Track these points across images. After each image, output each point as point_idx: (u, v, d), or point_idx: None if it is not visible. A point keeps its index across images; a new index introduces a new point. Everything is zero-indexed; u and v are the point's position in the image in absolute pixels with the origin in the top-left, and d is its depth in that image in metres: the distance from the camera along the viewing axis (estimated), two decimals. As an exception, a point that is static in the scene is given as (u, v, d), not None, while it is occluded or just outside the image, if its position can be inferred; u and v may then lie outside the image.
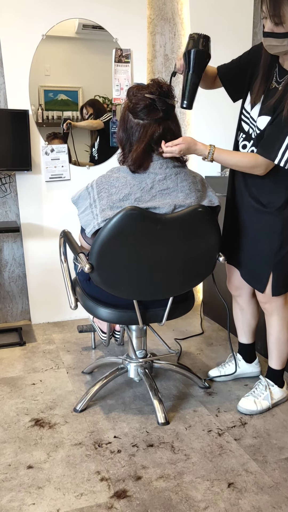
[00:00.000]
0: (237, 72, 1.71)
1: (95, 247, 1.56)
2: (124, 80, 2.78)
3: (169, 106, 1.60)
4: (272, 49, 1.49)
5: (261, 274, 1.76)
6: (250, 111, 1.65)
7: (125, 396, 1.99)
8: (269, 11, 1.38)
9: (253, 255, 1.78)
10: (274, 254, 1.71)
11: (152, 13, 2.85)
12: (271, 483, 1.47)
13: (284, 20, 1.39)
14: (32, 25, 2.55)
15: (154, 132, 1.58)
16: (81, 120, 2.76)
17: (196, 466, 1.54)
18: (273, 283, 1.74)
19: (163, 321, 1.78)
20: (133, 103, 1.59)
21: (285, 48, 1.46)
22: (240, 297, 2.00)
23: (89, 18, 2.65)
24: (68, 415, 1.84)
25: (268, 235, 1.71)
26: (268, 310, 1.82)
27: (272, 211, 1.68)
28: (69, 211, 2.73)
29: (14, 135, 2.53)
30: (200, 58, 1.56)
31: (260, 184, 1.70)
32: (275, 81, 1.57)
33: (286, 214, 1.67)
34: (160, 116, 1.58)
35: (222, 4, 2.90)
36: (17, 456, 1.60)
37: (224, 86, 1.77)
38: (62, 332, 2.73)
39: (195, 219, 1.58)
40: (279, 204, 1.66)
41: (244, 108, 1.70)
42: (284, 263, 1.73)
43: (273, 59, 1.58)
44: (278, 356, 1.85)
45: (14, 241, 2.81)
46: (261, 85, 1.58)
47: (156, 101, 1.57)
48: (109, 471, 1.52)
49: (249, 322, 2.04)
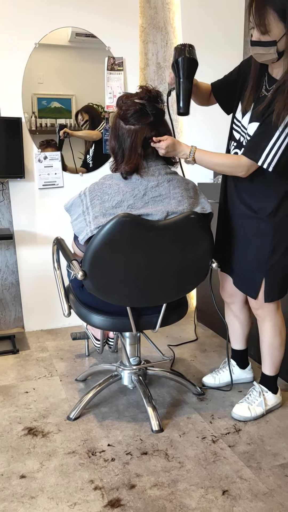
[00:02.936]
0: (229, 86, 1.75)
1: (88, 254, 1.56)
2: (117, 88, 2.80)
3: (159, 111, 1.61)
4: (260, 57, 1.52)
5: (254, 280, 1.76)
6: (241, 119, 1.67)
7: (119, 403, 1.98)
8: (256, 20, 1.42)
9: (245, 262, 1.78)
10: (266, 260, 1.72)
11: (144, 22, 2.88)
12: (266, 490, 1.46)
13: (270, 29, 1.43)
14: (25, 34, 2.56)
15: (145, 137, 1.59)
16: (75, 126, 2.76)
17: (190, 473, 1.54)
18: (266, 290, 1.75)
19: (156, 327, 1.78)
20: (123, 110, 1.60)
21: (272, 56, 1.49)
22: (234, 304, 2.00)
23: (82, 27, 2.67)
24: (61, 423, 1.83)
25: (259, 241, 1.72)
26: (260, 316, 1.82)
27: (263, 217, 1.69)
28: (62, 218, 2.72)
29: (7, 142, 2.53)
30: (188, 65, 1.61)
31: (250, 191, 1.71)
32: (264, 89, 1.60)
33: (277, 220, 1.68)
34: (151, 121, 1.60)
35: (213, 13, 2.93)
36: (9, 465, 1.58)
37: (218, 100, 1.81)
38: (55, 339, 2.72)
39: (188, 225, 1.59)
40: (270, 210, 1.67)
41: (235, 117, 1.72)
42: (276, 269, 1.73)
43: (262, 68, 1.61)
44: (271, 362, 1.86)
45: (7, 248, 2.80)
46: (251, 93, 1.61)
47: (146, 105, 1.58)
48: (102, 480, 1.51)
49: (243, 329, 2.04)
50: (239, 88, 1.70)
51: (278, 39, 1.44)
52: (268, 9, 1.40)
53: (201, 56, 2.82)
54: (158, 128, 1.62)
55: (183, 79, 1.62)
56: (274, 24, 1.42)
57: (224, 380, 2.10)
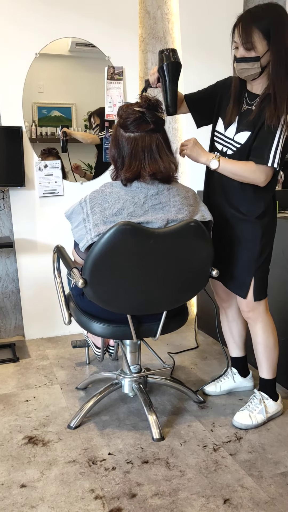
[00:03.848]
0: (204, 101, 1.88)
1: (88, 261, 1.57)
2: (116, 97, 2.82)
3: (158, 119, 1.63)
4: (244, 72, 1.65)
5: (243, 280, 1.83)
6: (223, 132, 1.79)
7: (120, 412, 1.98)
8: (242, 39, 1.58)
9: (236, 263, 1.84)
10: (255, 260, 1.80)
11: (144, 32, 2.91)
12: (267, 498, 1.45)
13: (255, 46, 1.58)
14: (25, 44, 2.58)
15: (145, 144, 1.60)
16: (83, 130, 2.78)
17: (191, 482, 1.53)
18: (255, 289, 1.82)
19: (157, 335, 1.78)
20: (123, 118, 1.62)
21: (256, 71, 1.63)
22: (230, 308, 2.04)
23: (82, 37, 2.69)
24: (62, 432, 1.82)
25: (249, 243, 1.80)
26: (252, 319, 1.86)
27: (252, 219, 1.77)
28: (62, 226, 2.73)
29: (7, 151, 2.55)
30: (174, 69, 1.70)
31: (239, 195, 1.78)
32: (246, 104, 1.74)
33: (264, 222, 1.77)
34: (151, 128, 1.61)
35: (211, 23, 2.96)
36: (10, 474, 1.57)
37: (192, 112, 1.92)
38: (56, 347, 2.71)
39: (188, 233, 1.60)
40: (259, 212, 1.76)
41: (216, 130, 1.84)
42: (263, 269, 1.83)
43: (241, 86, 1.75)
44: (269, 364, 1.88)
45: (7, 257, 2.80)
46: (233, 108, 1.74)
47: (145, 113, 1.60)
48: (103, 489, 1.50)
49: (240, 333, 2.07)
50: (217, 105, 1.84)
51: (262, 55, 1.60)
52: (254, 28, 1.56)
53: (200, 64, 2.85)
54: (158, 136, 1.63)
55: (170, 82, 1.71)
56: (259, 42, 1.58)
57: (225, 388, 2.10)
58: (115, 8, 2.74)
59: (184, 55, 2.94)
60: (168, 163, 1.62)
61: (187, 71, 2.95)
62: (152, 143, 1.61)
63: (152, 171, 1.59)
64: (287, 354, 2.11)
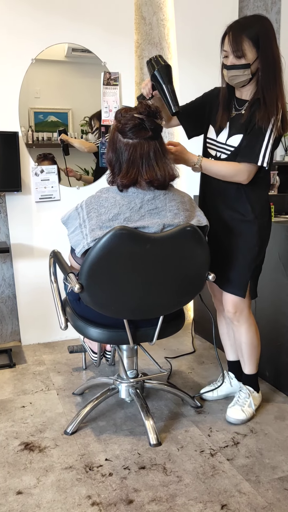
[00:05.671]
0: (194, 112, 1.93)
1: (84, 267, 1.57)
2: (112, 102, 2.83)
3: (157, 126, 1.63)
4: (234, 79, 1.72)
5: (242, 280, 1.87)
6: (215, 138, 1.85)
7: (116, 417, 1.97)
8: (232, 47, 1.66)
9: (234, 263, 1.87)
10: (254, 260, 1.85)
11: (140, 38, 2.92)
12: (265, 503, 1.45)
13: (245, 54, 1.66)
14: (21, 50, 2.59)
15: (143, 151, 1.60)
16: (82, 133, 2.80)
17: (188, 488, 1.52)
18: (251, 287, 1.91)
19: (153, 340, 1.78)
20: (122, 124, 1.62)
21: (246, 77, 1.70)
22: None
23: (78, 43, 2.70)
24: (58, 438, 1.82)
25: (249, 243, 1.83)
26: (237, 319, 1.91)
27: (251, 219, 1.82)
28: (59, 231, 2.73)
29: (4, 156, 2.55)
30: (166, 70, 1.75)
31: (237, 197, 1.82)
32: (235, 110, 1.81)
33: (263, 221, 1.83)
34: (150, 136, 1.61)
35: (206, 29, 2.98)
36: (6, 481, 1.56)
37: (182, 123, 1.97)
38: (52, 353, 2.70)
39: (184, 238, 1.60)
40: (256, 213, 1.82)
41: (208, 137, 1.91)
42: (259, 268, 1.93)
43: (229, 94, 1.82)
44: (253, 360, 1.97)
45: (4, 262, 2.80)
46: (223, 115, 1.82)
47: (145, 120, 1.60)
48: (100, 495, 1.49)
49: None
50: (207, 114, 1.90)
51: (252, 62, 1.67)
52: (244, 37, 1.64)
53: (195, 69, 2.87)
54: (156, 143, 1.62)
55: (167, 84, 1.74)
56: (249, 50, 1.66)
57: (222, 393, 2.10)
58: (111, 14, 2.75)
59: (180, 61, 2.96)
60: (164, 170, 1.62)
61: (183, 76, 2.97)
62: (150, 150, 1.61)
63: (149, 179, 1.59)
64: (279, 359, 2.11)
